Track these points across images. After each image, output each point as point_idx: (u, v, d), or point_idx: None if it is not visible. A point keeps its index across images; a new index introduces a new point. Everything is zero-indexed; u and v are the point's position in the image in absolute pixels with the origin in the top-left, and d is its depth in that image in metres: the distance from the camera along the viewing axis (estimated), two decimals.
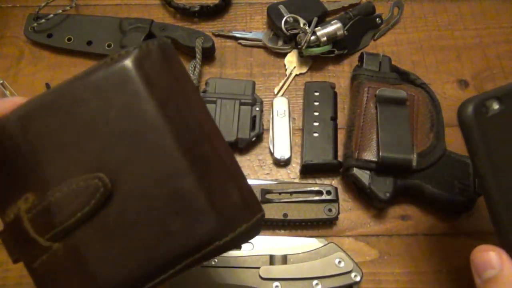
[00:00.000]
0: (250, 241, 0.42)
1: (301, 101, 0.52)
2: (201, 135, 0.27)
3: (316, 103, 0.50)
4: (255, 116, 0.49)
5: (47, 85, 0.50)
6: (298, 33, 0.52)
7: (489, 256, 0.28)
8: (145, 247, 0.25)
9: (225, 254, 0.41)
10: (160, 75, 0.27)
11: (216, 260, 0.41)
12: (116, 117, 0.26)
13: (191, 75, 0.51)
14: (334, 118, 0.49)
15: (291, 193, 0.45)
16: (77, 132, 0.26)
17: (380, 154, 0.43)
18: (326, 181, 0.48)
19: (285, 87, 0.53)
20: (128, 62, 0.27)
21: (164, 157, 0.25)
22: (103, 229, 0.25)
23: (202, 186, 0.25)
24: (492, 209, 0.28)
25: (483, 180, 0.28)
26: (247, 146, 0.49)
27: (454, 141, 0.49)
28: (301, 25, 0.53)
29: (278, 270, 0.40)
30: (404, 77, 0.51)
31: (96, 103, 0.26)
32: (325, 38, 0.51)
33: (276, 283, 0.40)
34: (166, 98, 0.26)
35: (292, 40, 0.55)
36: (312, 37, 0.51)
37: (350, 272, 0.41)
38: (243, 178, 0.28)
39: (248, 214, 0.27)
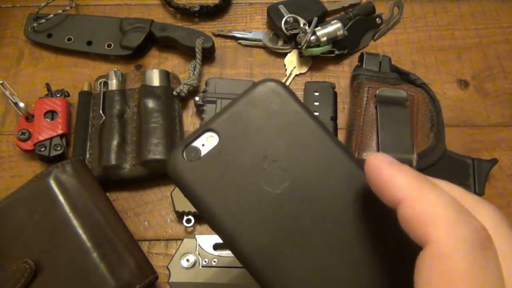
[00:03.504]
0: None
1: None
2: (104, 222, 0.39)
3: (316, 103, 0.50)
4: None
5: (47, 85, 0.50)
6: (298, 33, 0.52)
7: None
8: None
9: (225, 254, 0.42)
10: (72, 185, 0.39)
11: (216, 260, 0.41)
12: (39, 219, 0.37)
13: (191, 75, 0.51)
14: (334, 118, 0.49)
15: None
16: (11, 230, 0.37)
17: None
18: None
19: None
20: (48, 178, 0.39)
21: (74, 242, 0.37)
22: None
23: (103, 260, 0.36)
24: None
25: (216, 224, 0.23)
26: None
27: (454, 141, 0.49)
28: (301, 25, 0.53)
29: None
30: (404, 77, 0.51)
31: (23, 210, 0.38)
32: (325, 38, 0.51)
33: None
34: (77, 201, 0.38)
35: (292, 40, 0.55)
36: (312, 37, 0.51)
37: None
38: (139, 250, 0.40)
39: (142, 278, 0.37)
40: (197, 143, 0.23)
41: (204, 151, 0.23)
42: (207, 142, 0.24)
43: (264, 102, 0.24)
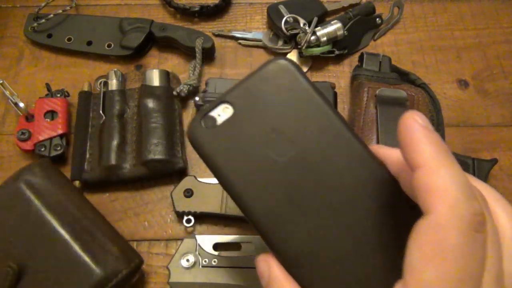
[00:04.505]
0: (250, 241, 0.42)
1: None
2: (81, 216, 0.40)
3: None
4: None
5: (47, 85, 0.50)
6: (298, 33, 0.52)
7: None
8: None
9: (225, 254, 0.42)
10: (43, 185, 0.40)
11: (216, 260, 0.41)
12: (15, 222, 0.38)
13: (191, 75, 0.51)
14: None
15: None
16: None
17: None
18: None
19: None
20: (18, 182, 0.40)
21: (54, 239, 0.37)
22: None
23: (85, 251, 0.37)
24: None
25: (233, 189, 0.25)
26: None
27: (454, 141, 0.49)
28: (301, 25, 0.53)
29: None
30: (404, 77, 0.51)
31: None
32: (325, 38, 0.51)
33: None
34: (50, 199, 0.40)
35: (292, 40, 0.55)
36: (312, 37, 0.51)
37: None
38: (120, 238, 0.41)
39: (127, 262, 0.38)
40: (213, 113, 0.26)
41: (219, 120, 0.26)
42: (222, 112, 0.26)
43: (275, 79, 0.26)
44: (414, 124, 0.21)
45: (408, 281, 0.19)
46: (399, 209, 0.24)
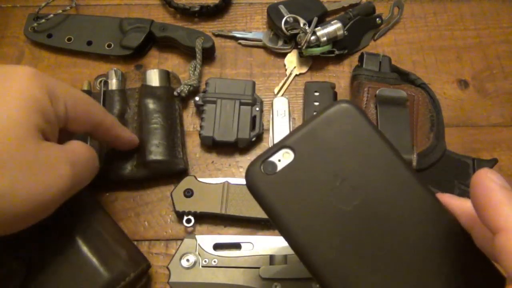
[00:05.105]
0: (250, 241, 0.42)
1: (301, 101, 0.52)
2: (92, 219, 0.39)
3: (316, 103, 0.50)
4: (255, 116, 0.49)
5: None
6: (298, 33, 0.52)
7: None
8: None
9: (225, 254, 0.42)
10: None
11: (216, 260, 0.41)
12: None
13: (191, 75, 0.51)
14: None
15: None
16: None
17: None
18: None
19: (285, 87, 0.53)
20: None
21: (64, 239, 0.37)
22: None
23: (94, 254, 0.37)
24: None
25: (291, 237, 0.24)
26: (247, 146, 0.49)
27: (454, 141, 0.49)
28: (301, 25, 0.53)
29: (278, 270, 0.40)
30: (404, 77, 0.51)
31: None
32: (325, 38, 0.51)
33: (276, 283, 0.40)
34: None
35: (292, 40, 0.55)
36: (312, 37, 0.51)
37: None
38: (129, 241, 0.41)
39: (135, 266, 0.38)
40: (273, 158, 0.25)
41: (280, 166, 0.25)
42: (283, 158, 0.25)
43: (338, 123, 0.26)
44: (491, 184, 0.20)
45: None
46: (473, 266, 0.23)
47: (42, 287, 0.36)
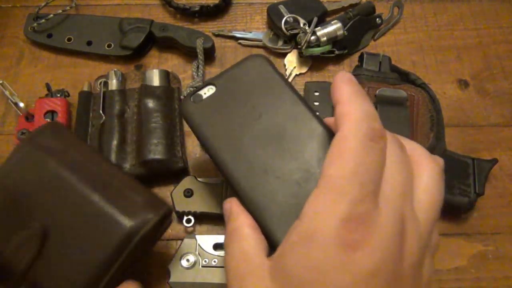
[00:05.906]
0: None
1: None
2: (100, 170, 0.38)
3: (316, 103, 0.50)
4: None
5: (47, 85, 0.50)
6: (298, 33, 0.52)
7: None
8: (85, 259, 0.34)
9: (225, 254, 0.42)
10: (57, 145, 0.38)
11: (216, 260, 0.41)
12: (32, 184, 0.36)
13: (194, 75, 0.51)
14: None
15: None
16: (3, 203, 0.36)
17: None
18: None
19: None
20: (31, 145, 0.38)
21: (74, 196, 0.35)
22: (51, 259, 0.34)
23: (110, 204, 0.35)
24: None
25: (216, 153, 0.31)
26: None
27: (454, 141, 0.49)
28: (301, 25, 0.53)
29: None
30: (404, 77, 0.51)
31: (15, 179, 0.37)
32: (325, 38, 0.51)
33: None
34: (65, 158, 0.37)
35: (292, 40, 0.55)
36: (312, 37, 0.51)
37: None
38: (143, 188, 0.38)
39: (154, 210, 0.36)
40: (201, 92, 0.34)
41: (204, 97, 0.34)
42: (207, 92, 0.34)
43: (251, 69, 0.34)
44: (343, 76, 0.28)
45: (320, 180, 0.24)
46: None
47: (61, 250, 0.34)
